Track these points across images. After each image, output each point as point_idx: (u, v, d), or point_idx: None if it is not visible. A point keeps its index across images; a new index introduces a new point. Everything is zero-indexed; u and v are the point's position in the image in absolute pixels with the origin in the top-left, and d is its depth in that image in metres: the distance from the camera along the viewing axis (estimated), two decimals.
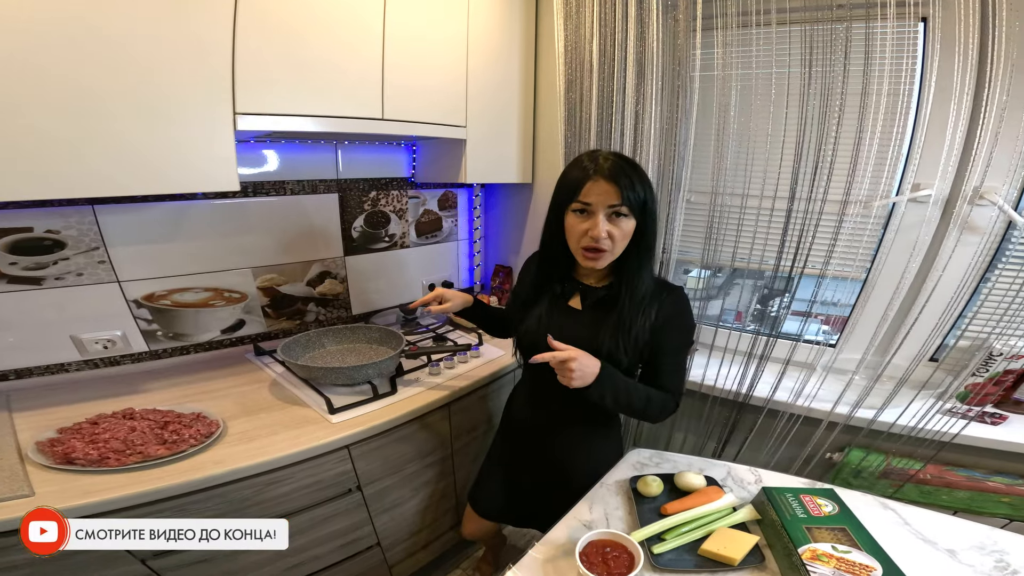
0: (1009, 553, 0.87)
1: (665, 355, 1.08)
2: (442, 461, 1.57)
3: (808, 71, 1.22)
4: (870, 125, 1.19)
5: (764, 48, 1.31)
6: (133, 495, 0.91)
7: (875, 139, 1.19)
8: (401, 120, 1.46)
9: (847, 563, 0.83)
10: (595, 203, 0.96)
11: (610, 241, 0.98)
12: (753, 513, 1.02)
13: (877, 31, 1.16)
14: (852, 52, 1.18)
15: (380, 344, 1.60)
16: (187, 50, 1.07)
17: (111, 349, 1.36)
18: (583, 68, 1.61)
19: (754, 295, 1.57)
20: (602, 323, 1.06)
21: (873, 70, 1.18)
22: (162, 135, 1.08)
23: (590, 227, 0.97)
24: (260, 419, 1.22)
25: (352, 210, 1.78)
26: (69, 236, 1.27)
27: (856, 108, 1.20)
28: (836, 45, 1.18)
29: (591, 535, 0.89)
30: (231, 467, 1.03)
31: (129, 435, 1.01)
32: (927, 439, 1.22)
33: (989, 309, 1.23)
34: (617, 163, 0.97)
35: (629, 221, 0.98)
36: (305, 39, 1.23)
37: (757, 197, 1.38)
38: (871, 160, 1.21)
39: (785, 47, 1.29)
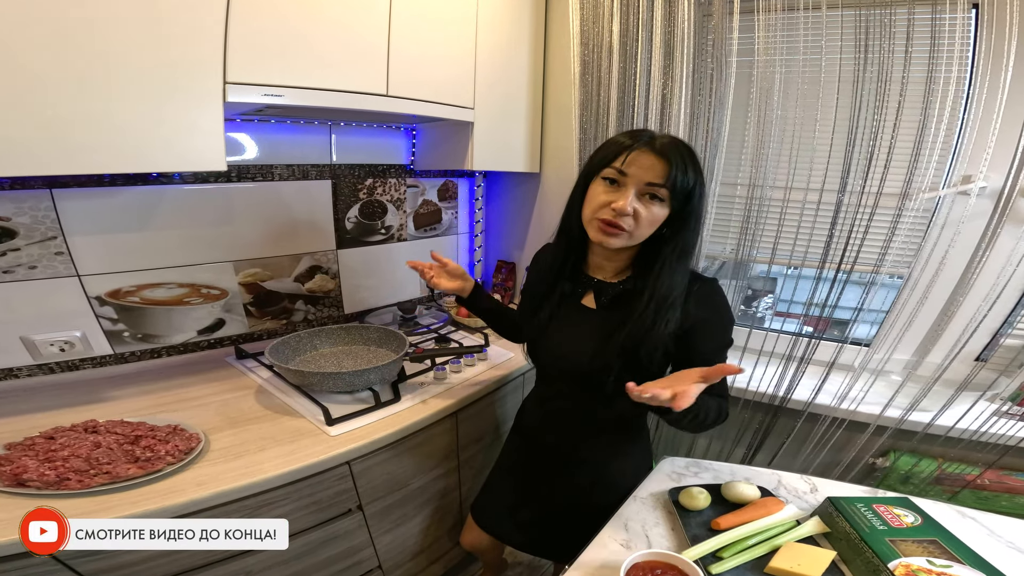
0: None
1: (707, 360, 0.90)
2: (447, 475, 1.44)
3: (864, 56, 1.15)
4: (936, 114, 1.12)
5: (813, 32, 1.23)
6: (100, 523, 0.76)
7: (942, 129, 1.13)
8: (407, 98, 1.35)
9: None
10: (632, 175, 0.85)
11: (633, 221, 0.86)
12: (821, 526, 0.94)
13: (929, 16, 1.11)
14: (905, 39, 1.12)
15: (379, 346, 1.46)
16: (174, 8, 0.94)
17: (69, 352, 1.19)
18: (601, 49, 1.54)
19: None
20: (618, 323, 0.94)
21: (926, 57, 1.12)
22: (140, 105, 0.95)
23: (616, 199, 0.85)
24: (247, 432, 1.07)
25: (346, 199, 1.64)
26: (21, 224, 1.10)
27: (902, 96, 1.14)
28: (897, 31, 1.12)
29: (636, 556, 0.79)
30: (216, 490, 0.88)
31: (93, 452, 0.85)
32: (987, 443, 1.15)
33: None
34: (674, 142, 0.87)
35: (663, 208, 0.87)
36: (306, 4, 1.11)
37: (802, 189, 1.30)
38: (936, 150, 1.15)
39: (837, 31, 1.22)
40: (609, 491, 1.06)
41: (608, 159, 0.88)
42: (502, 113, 1.67)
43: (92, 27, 0.87)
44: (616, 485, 1.07)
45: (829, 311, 1.31)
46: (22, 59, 0.83)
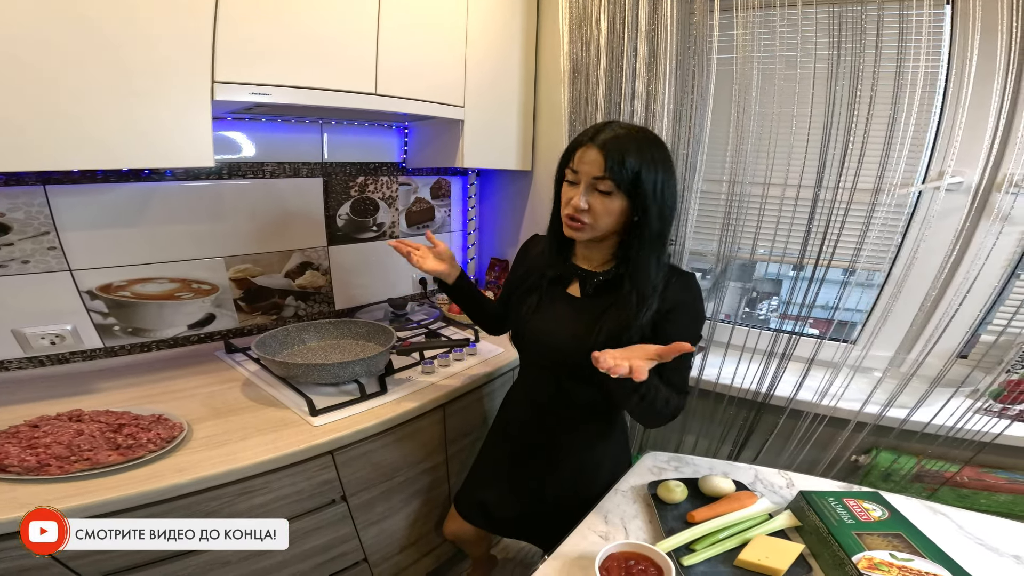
0: None
1: None
2: (435, 468, 1.45)
3: (837, 52, 1.16)
4: (905, 109, 1.13)
5: (789, 30, 1.24)
6: (77, 507, 0.78)
7: (911, 124, 1.14)
8: (395, 96, 1.36)
9: (911, 571, 0.75)
10: (582, 171, 0.90)
11: (590, 214, 0.91)
12: (792, 519, 0.95)
13: (903, 14, 1.11)
14: (878, 35, 1.13)
15: (368, 340, 1.48)
16: (164, 9, 0.96)
17: (59, 345, 1.21)
18: (590, 47, 1.55)
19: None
20: (601, 312, 0.98)
21: (899, 54, 1.12)
22: (130, 103, 0.97)
23: (573, 196, 0.92)
24: (230, 422, 1.09)
25: (337, 196, 1.66)
26: (15, 219, 1.13)
27: (880, 93, 1.14)
28: (868, 27, 1.13)
29: (611, 547, 0.81)
30: (196, 476, 0.90)
31: (75, 439, 0.87)
32: (964, 440, 1.15)
33: (1019, 302, 1.17)
34: (618, 134, 0.89)
35: (615, 200, 0.90)
36: (294, 5, 1.13)
37: (780, 185, 1.31)
38: (907, 146, 1.16)
39: (812, 28, 1.23)
40: (589, 481, 1.09)
41: (566, 160, 0.94)
42: (493, 111, 1.68)
43: (86, 29, 0.90)
44: (596, 475, 1.10)
45: (807, 310, 1.32)
46: (18, 57, 0.85)
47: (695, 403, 1.60)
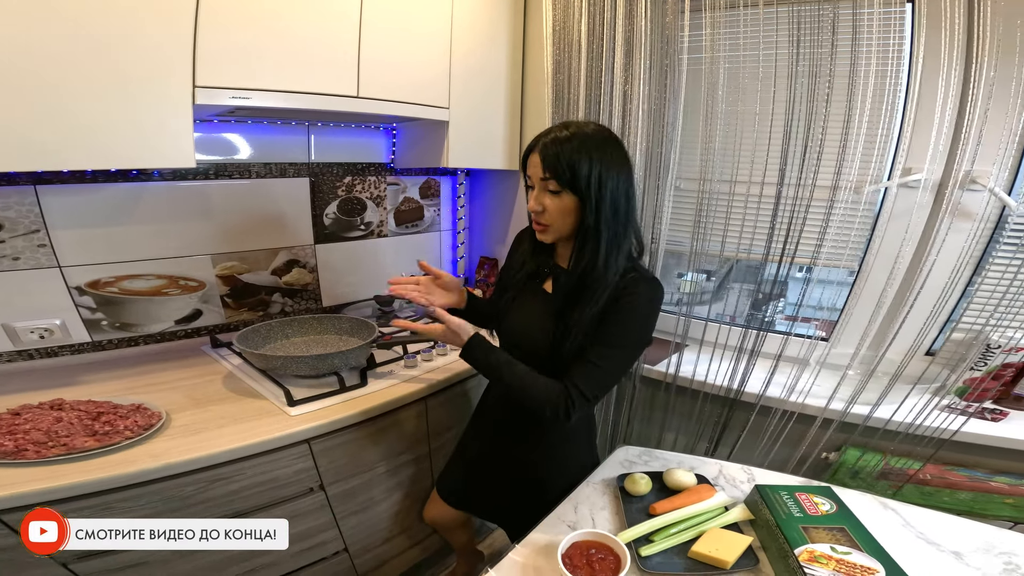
0: (1018, 554, 0.82)
1: (592, 342, 0.95)
2: (418, 461, 1.48)
3: (796, 51, 1.18)
4: (859, 107, 1.15)
5: (752, 29, 1.27)
6: (48, 489, 0.82)
7: (864, 122, 1.16)
8: (378, 99, 1.39)
9: (847, 564, 0.77)
10: (532, 175, 0.96)
11: (547, 215, 0.95)
12: (746, 513, 0.97)
13: (864, 12, 1.13)
14: (840, 33, 1.14)
15: (351, 335, 1.51)
16: (146, 17, 1.00)
17: (48, 339, 1.26)
18: (571, 48, 1.57)
19: (747, 300, 1.49)
20: (555, 306, 1.01)
21: (861, 51, 1.14)
22: (113, 106, 1.01)
23: (530, 200, 0.97)
24: (209, 411, 1.13)
25: (324, 196, 1.70)
26: (6, 218, 1.17)
27: (845, 90, 1.16)
28: (824, 25, 1.15)
29: (574, 536, 0.85)
30: (168, 461, 0.94)
31: (54, 426, 0.92)
32: (925, 436, 1.16)
33: (984, 299, 1.18)
34: (557, 137, 0.92)
35: (562, 198, 0.92)
36: (275, 12, 1.17)
37: (745, 183, 1.33)
38: (860, 143, 1.17)
39: (772, 28, 1.25)
40: (561, 470, 1.12)
41: (522, 168, 0.99)
42: (479, 112, 1.70)
43: (73, 38, 0.94)
44: (565, 466, 1.13)
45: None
46: (10, 65, 0.90)
47: (673, 399, 1.61)
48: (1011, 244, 1.08)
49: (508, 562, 0.86)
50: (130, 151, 1.07)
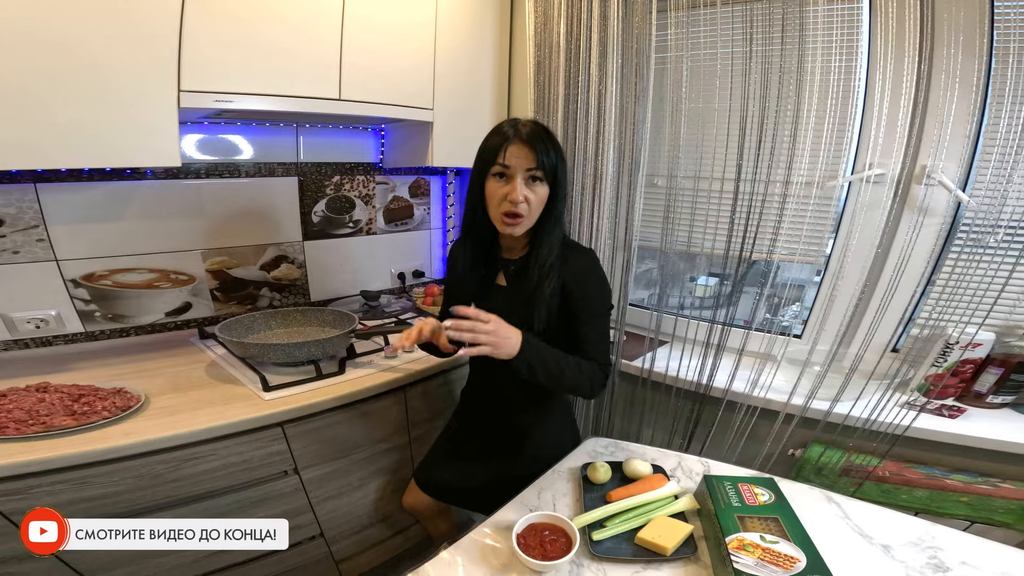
0: (944, 549, 0.82)
1: (582, 323, 1.05)
2: (398, 449, 1.52)
3: (749, 49, 1.20)
4: (813, 103, 1.16)
5: (709, 28, 1.30)
6: (24, 463, 0.88)
7: (825, 118, 1.16)
8: (360, 101, 1.44)
9: (772, 553, 0.78)
10: (514, 166, 0.96)
11: (527, 206, 0.97)
12: (693, 502, 0.99)
13: (821, 9, 1.14)
14: (797, 30, 1.15)
15: (333, 327, 1.56)
16: (133, 26, 1.06)
17: (43, 329, 1.33)
18: (551, 49, 1.60)
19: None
20: (518, 293, 1.06)
21: (818, 47, 1.15)
22: (104, 110, 1.07)
23: (509, 191, 0.97)
24: (188, 396, 1.18)
25: (312, 194, 1.76)
26: (7, 214, 1.25)
27: (806, 86, 1.17)
28: (774, 23, 1.16)
29: (531, 517, 0.88)
30: (141, 439, 0.99)
31: (36, 406, 0.98)
32: (880, 432, 1.15)
33: (944, 295, 1.16)
34: (535, 128, 0.98)
35: (543, 187, 0.99)
36: (257, 19, 1.22)
37: (708, 179, 1.35)
38: (823, 139, 1.18)
39: (728, 27, 1.28)
40: (536, 459, 1.15)
41: (491, 157, 0.98)
42: (465, 112, 1.74)
43: (69, 49, 1.01)
44: (542, 454, 1.16)
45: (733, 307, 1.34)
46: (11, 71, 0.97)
47: (651, 396, 1.63)
48: (968, 239, 1.07)
49: (467, 540, 0.89)
50: (120, 151, 1.13)
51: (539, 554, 0.81)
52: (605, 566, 0.84)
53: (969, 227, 1.08)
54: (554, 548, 0.83)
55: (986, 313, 1.06)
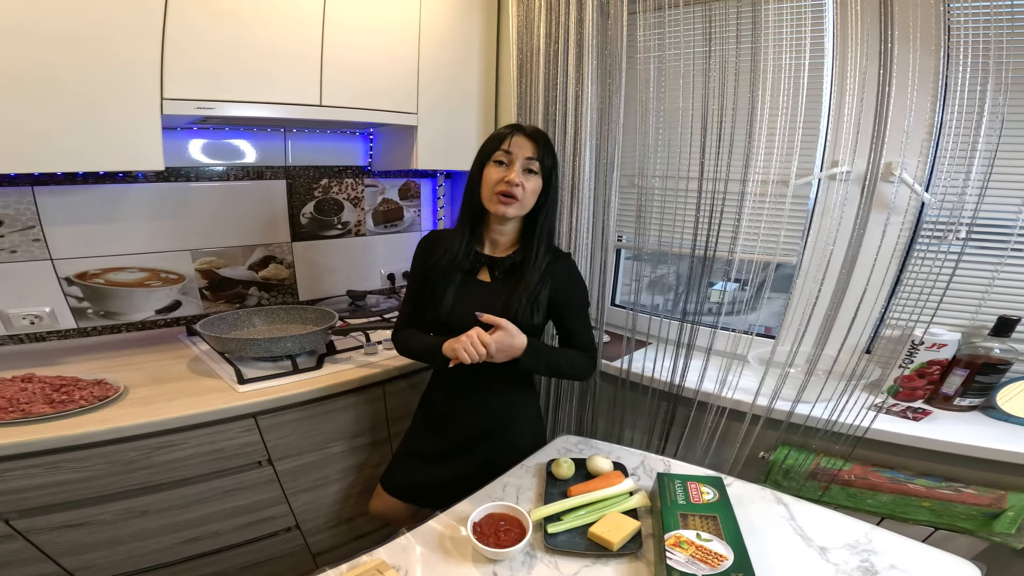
0: (878, 553, 0.81)
1: (572, 320, 1.20)
2: (378, 444, 1.54)
3: (709, 49, 1.22)
4: (773, 101, 1.16)
5: (674, 29, 1.32)
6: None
7: (778, 116, 1.17)
8: (341, 107, 1.49)
9: (704, 551, 0.79)
10: (515, 153, 1.07)
11: (522, 190, 1.07)
12: (645, 500, 0.99)
13: (784, 6, 1.15)
14: (764, 28, 1.16)
15: (316, 324, 1.60)
16: (118, 39, 1.13)
17: (37, 325, 1.40)
18: (532, 52, 1.62)
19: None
20: (513, 290, 1.12)
21: (784, 46, 1.15)
22: (94, 118, 1.14)
23: (507, 173, 1.06)
24: (166, 387, 1.23)
25: (301, 197, 1.81)
26: (6, 215, 1.32)
27: (759, 85, 1.17)
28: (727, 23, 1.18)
29: (489, 506, 0.91)
30: (113, 425, 1.04)
31: (17, 394, 1.04)
32: (845, 435, 1.14)
33: (913, 295, 1.13)
34: (537, 130, 1.12)
35: (538, 180, 1.09)
36: (237, 29, 1.27)
37: (674, 178, 1.36)
38: (777, 137, 1.18)
39: (691, 28, 1.31)
40: (506, 454, 1.17)
41: (496, 146, 1.10)
42: (450, 116, 1.77)
43: (57, 59, 1.08)
44: (512, 449, 1.18)
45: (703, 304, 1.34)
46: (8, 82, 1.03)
47: (629, 396, 1.63)
48: (932, 238, 1.06)
49: (426, 528, 0.91)
50: (109, 156, 1.19)
51: (493, 542, 0.83)
52: (557, 559, 0.85)
53: (932, 226, 1.06)
54: (508, 537, 0.85)
55: (933, 311, 1.04)
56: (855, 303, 1.17)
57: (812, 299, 1.22)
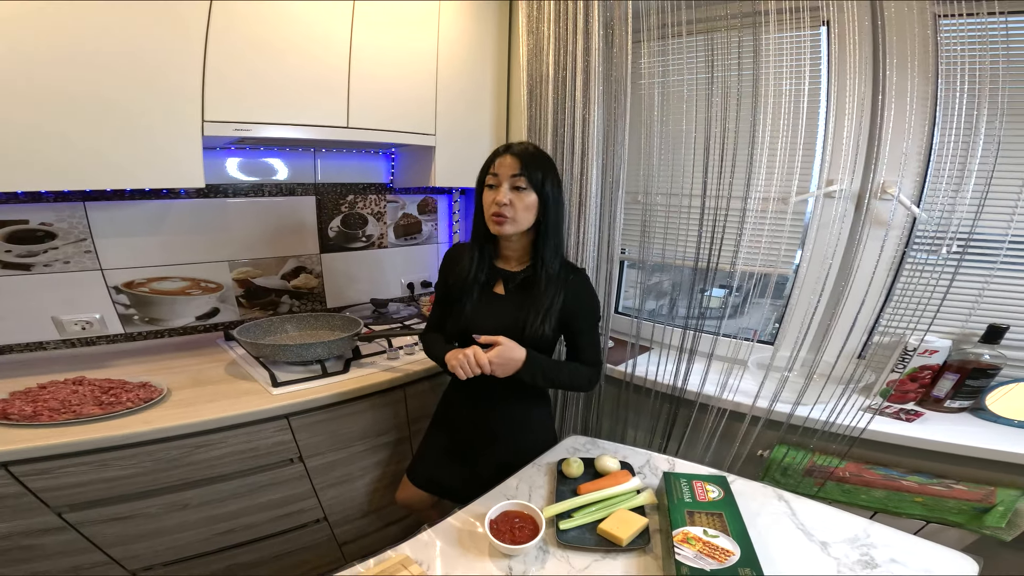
0: (877, 547, 0.79)
1: (580, 334, 1.14)
2: (397, 443, 1.53)
3: (711, 75, 1.20)
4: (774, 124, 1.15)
5: (676, 57, 1.32)
6: (50, 446, 0.92)
7: (778, 138, 1.15)
8: (366, 128, 1.48)
9: (711, 547, 0.77)
10: (501, 174, 1.03)
11: (512, 208, 1.02)
12: (652, 498, 0.97)
13: (782, 36, 1.13)
14: (763, 56, 1.15)
15: (342, 331, 1.59)
16: (165, 65, 1.13)
17: (88, 330, 1.40)
18: (542, 78, 1.62)
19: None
20: (525, 302, 1.09)
21: (783, 72, 1.15)
22: (140, 138, 1.14)
23: (497, 195, 1.03)
24: (205, 390, 1.23)
25: (329, 211, 1.81)
26: (60, 228, 1.33)
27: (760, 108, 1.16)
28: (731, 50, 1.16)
29: (504, 505, 0.90)
30: (157, 426, 1.03)
31: (69, 397, 1.04)
32: (841, 435, 1.11)
33: (904, 304, 1.11)
34: (525, 147, 1.06)
35: (529, 194, 1.04)
36: (272, 56, 1.27)
37: (677, 195, 1.35)
38: (777, 158, 1.16)
39: (693, 55, 1.29)
40: (519, 453, 1.15)
41: (485, 171, 1.07)
42: (465, 138, 1.76)
43: (111, 83, 1.09)
44: (525, 448, 1.17)
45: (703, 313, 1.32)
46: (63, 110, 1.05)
47: (633, 398, 1.61)
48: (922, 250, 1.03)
49: (446, 525, 0.90)
50: (153, 174, 1.20)
51: (509, 539, 0.82)
52: (568, 553, 0.84)
53: (923, 239, 1.04)
54: (522, 534, 0.84)
55: (931, 320, 1.02)
56: (849, 311, 1.15)
57: (811, 308, 1.20)
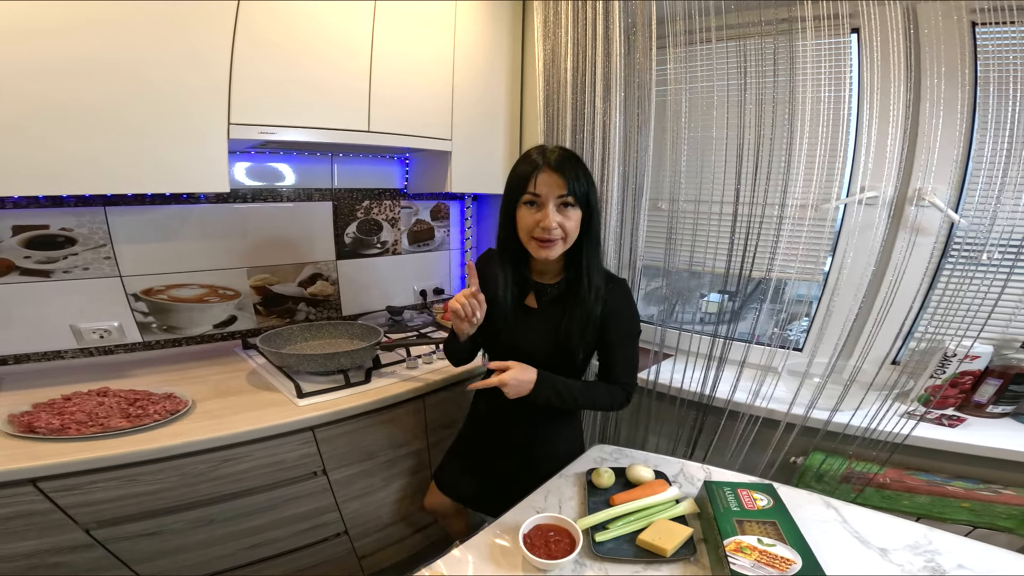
0: (941, 554, 0.77)
1: (613, 347, 1.06)
2: (417, 454, 1.51)
3: (743, 81, 1.20)
4: (807, 131, 1.14)
5: (706, 63, 1.30)
6: (80, 460, 0.90)
7: (817, 145, 1.14)
8: (386, 132, 1.48)
9: (769, 556, 0.75)
10: (544, 194, 0.93)
11: (561, 231, 0.94)
12: (693, 507, 0.96)
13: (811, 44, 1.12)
14: (792, 63, 1.15)
15: (361, 339, 1.57)
16: (190, 70, 1.13)
17: (107, 339, 1.38)
18: (559, 83, 1.62)
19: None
20: (561, 318, 1.03)
21: (808, 80, 1.14)
22: (166, 142, 1.13)
23: (541, 218, 0.93)
24: (229, 401, 1.21)
25: (345, 217, 1.80)
26: (80, 234, 1.31)
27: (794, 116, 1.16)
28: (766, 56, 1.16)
29: (537, 518, 0.87)
30: (186, 440, 1.01)
31: (95, 409, 1.01)
32: (882, 441, 1.10)
33: (941, 310, 1.11)
34: (563, 155, 0.95)
35: (576, 211, 0.95)
36: (297, 59, 1.27)
37: (708, 203, 1.34)
38: (815, 165, 1.16)
39: (723, 61, 1.28)
40: (548, 465, 1.12)
41: (522, 186, 0.95)
42: (480, 143, 1.76)
43: (137, 92, 1.08)
44: (553, 461, 1.14)
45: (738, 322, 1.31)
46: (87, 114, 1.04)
47: (656, 405, 1.59)
48: (961, 257, 1.03)
49: (478, 540, 0.88)
50: (178, 178, 1.18)
51: (544, 553, 0.80)
52: (607, 566, 0.82)
53: (961, 245, 1.04)
54: (558, 548, 0.82)
55: (980, 327, 1.01)
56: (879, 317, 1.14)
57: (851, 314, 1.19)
